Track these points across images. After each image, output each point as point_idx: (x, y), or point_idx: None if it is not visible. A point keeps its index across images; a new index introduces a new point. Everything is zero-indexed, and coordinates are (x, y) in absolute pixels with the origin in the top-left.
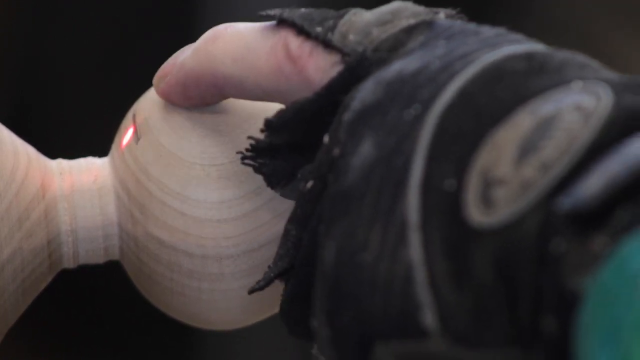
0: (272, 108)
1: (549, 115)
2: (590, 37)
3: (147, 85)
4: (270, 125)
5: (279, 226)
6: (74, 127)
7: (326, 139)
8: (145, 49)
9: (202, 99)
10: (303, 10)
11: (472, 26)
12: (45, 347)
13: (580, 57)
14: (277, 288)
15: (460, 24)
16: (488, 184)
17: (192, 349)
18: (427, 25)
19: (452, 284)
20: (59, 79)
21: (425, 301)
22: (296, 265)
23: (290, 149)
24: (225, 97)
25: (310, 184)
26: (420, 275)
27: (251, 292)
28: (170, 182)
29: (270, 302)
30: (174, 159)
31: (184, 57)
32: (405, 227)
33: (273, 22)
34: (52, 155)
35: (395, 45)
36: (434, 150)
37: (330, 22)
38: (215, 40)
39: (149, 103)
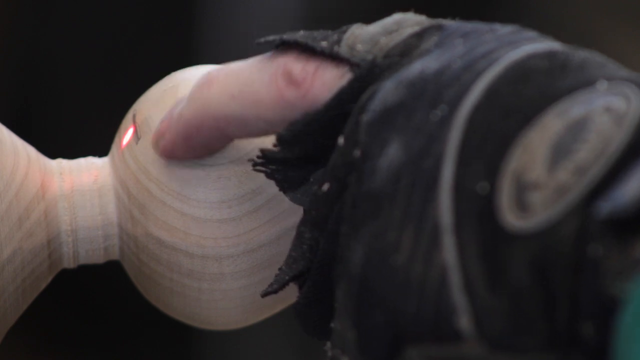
0: None
1: (579, 117)
2: (590, 37)
3: (147, 85)
4: (281, 139)
5: (279, 226)
6: (74, 127)
7: (341, 140)
8: (146, 49)
9: (206, 147)
10: (301, 32)
11: (483, 24)
12: (45, 347)
13: (598, 56)
14: None
15: (470, 23)
16: (522, 188)
17: (192, 349)
18: (436, 27)
19: (488, 287)
20: (59, 79)
21: (461, 304)
22: (313, 268)
23: (301, 160)
24: (230, 140)
25: (326, 186)
26: (455, 278)
27: (264, 295)
28: (170, 182)
29: (270, 302)
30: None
31: (180, 109)
32: (438, 229)
33: (267, 54)
34: (52, 155)
35: (406, 50)
36: (464, 152)
37: (335, 37)
38: (210, 85)
39: (149, 103)
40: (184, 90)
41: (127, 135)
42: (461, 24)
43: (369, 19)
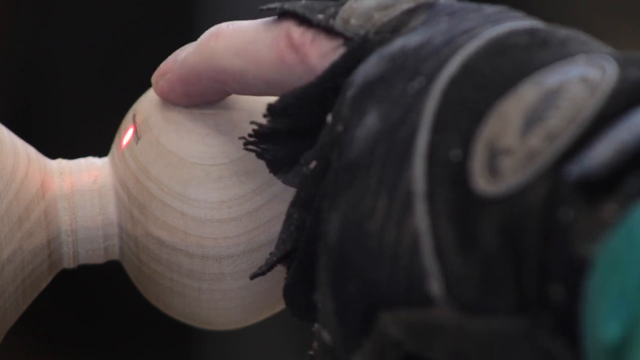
0: None
1: (555, 86)
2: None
3: (147, 85)
4: (272, 109)
5: (279, 226)
6: (74, 127)
7: (329, 118)
8: (145, 49)
9: (203, 96)
10: (303, 1)
11: (473, 4)
12: (45, 347)
13: (582, 35)
14: (277, 288)
15: (460, 2)
16: (494, 154)
17: (192, 349)
18: (428, 5)
19: (459, 252)
20: (59, 79)
21: (432, 269)
22: (299, 247)
23: (293, 134)
24: (227, 94)
25: (313, 164)
26: (426, 243)
27: (253, 277)
28: (170, 182)
29: (270, 302)
30: (174, 159)
31: (186, 54)
32: (411, 196)
33: (274, 17)
34: (52, 155)
35: (397, 27)
36: (438, 121)
37: (332, 10)
38: (217, 37)
39: (149, 103)
40: None
41: (127, 135)
42: (451, 3)
43: None
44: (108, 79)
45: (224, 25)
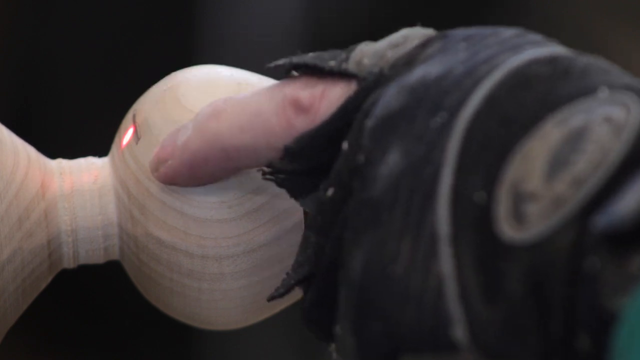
0: None
1: (579, 127)
2: (590, 37)
3: (147, 85)
4: (288, 151)
5: (279, 226)
6: (74, 127)
7: (345, 145)
8: (146, 49)
9: (211, 176)
10: (311, 54)
11: (487, 28)
12: (45, 347)
13: (602, 62)
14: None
15: (475, 28)
16: (519, 199)
17: (192, 349)
18: (441, 36)
19: (484, 298)
20: (59, 79)
21: (456, 315)
22: (318, 272)
23: (310, 171)
24: (238, 170)
25: (331, 191)
26: (451, 289)
27: (270, 299)
28: None
29: (270, 302)
30: None
31: (186, 138)
32: (435, 239)
33: (273, 84)
34: (52, 155)
35: (411, 60)
36: (462, 161)
37: (342, 56)
38: (217, 116)
39: (149, 103)
40: (184, 90)
41: (127, 135)
42: (464, 29)
43: (369, 19)
44: (108, 79)
45: (220, 103)
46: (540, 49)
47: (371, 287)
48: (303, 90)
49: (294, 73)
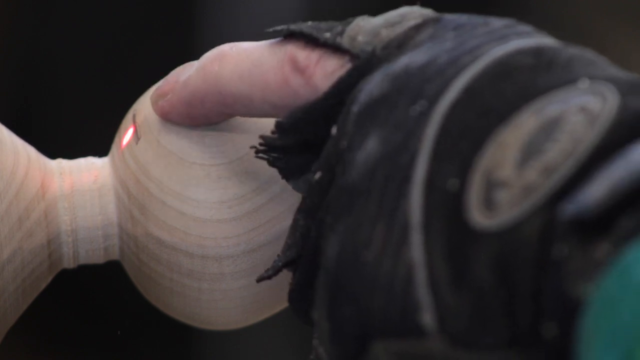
0: None
1: (554, 116)
2: (590, 37)
3: (147, 85)
4: (280, 126)
5: (279, 226)
6: (74, 127)
7: (334, 130)
8: (146, 49)
9: (206, 118)
10: (310, 22)
11: (480, 18)
12: (45, 347)
13: (589, 54)
14: (277, 288)
15: (467, 16)
16: (491, 186)
17: (192, 349)
18: (435, 20)
19: (452, 285)
20: (59, 79)
21: (425, 301)
22: (304, 255)
23: (302, 148)
24: (231, 116)
25: (318, 175)
26: (421, 275)
27: (259, 280)
28: (170, 182)
29: (270, 302)
30: (174, 159)
31: (188, 76)
32: (407, 226)
33: (278, 39)
34: (52, 155)
35: (403, 42)
36: (438, 149)
37: (339, 28)
38: (221, 59)
39: (149, 103)
40: None
41: (127, 135)
42: (457, 16)
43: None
44: (108, 79)
45: (226, 48)
46: (526, 39)
47: (344, 272)
48: (302, 51)
49: None
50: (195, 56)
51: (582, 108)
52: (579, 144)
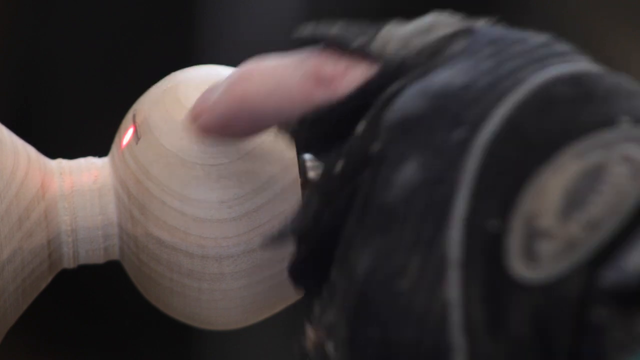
0: None
1: (597, 163)
2: (590, 37)
3: (147, 85)
4: (303, 122)
5: (279, 226)
6: (74, 127)
7: (362, 126)
8: (146, 49)
9: (244, 134)
10: (337, 27)
11: (515, 32)
12: (45, 347)
13: (627, 82)
14: (277, 288)
15: (501, 29)
16: (532, 235)
17: (192, 349)
18: (467, 31)
19: (488, 331)
20: (59, 79)
21: (458, 344)
22: (314, 234)
23: (322, 142)
24: (268, 129)
25: (339, 166)
26: (456, 316)
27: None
28: (170, 182)
29: (270, 302)
30: (174, 159)
31: (216, 98)
32: (445, 262)
33: (304, 50)
34: (52, 155)
35: (435, 51)
36: (478, 184)
37: (369, 34)
38: (247, 79)
39: (149, 103)
40: (184, 90)
41: (127, 135)
42: (491, 28)
43: (370, 19)
44: (108, 79)
45: (252, 66)
46: (565, 64)
47: (374, 294)
48: (326, 64)
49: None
50: (195, 56)
51: (625, 157)
52: (623, 198)
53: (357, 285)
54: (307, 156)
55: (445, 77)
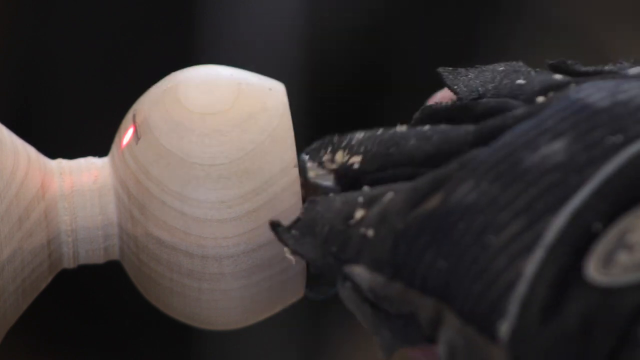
0: (271, 107)
1: None
2: (590, 37)
3: (147, 85)
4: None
5: None
6: (74, 127)
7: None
8: (146, 49)
9: None
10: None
11: None
12: (45, 347)
13: None
14: (277, 288)
15: None
16: (619, 245)
17: (192, 349)
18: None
19: (541, 313)
20: (59, 79)
21: (511, 313)
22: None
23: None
24: None
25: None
26: (522, 289)
27: (272, 228)
28: (170, 182)
29: (270, 302)
30: (174, 159)
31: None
32: (538, 239)
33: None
34: (52, 155)
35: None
36: (604, 187)
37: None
38: None
39: (149, 103)
40: (184, 90)
41: (127, 135)
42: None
43: (369, 19)
44: (108, 79)
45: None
46: None
47: (463, 232)
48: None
49: None
50: (195, 56)
51: None
52: None
53: (442, 214)
54: (307, 156)
55: (635, 89)
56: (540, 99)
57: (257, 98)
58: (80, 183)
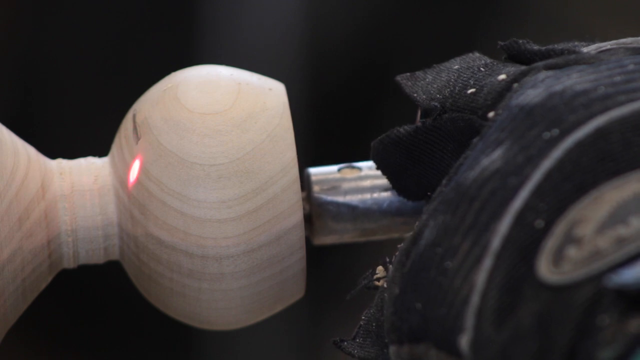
0: (271, 107)
1: None
2: (590, 37)
3: (147, 85)
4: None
5: (279, 226)
6: (74, 127)
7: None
8: (145, 49)
9: None
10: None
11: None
12: (45, 347)
13: None
14: (277, 288)
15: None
16: (567, 240)
17: (192, 349)
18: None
19: (495, 319)
20: (59, 80)
21: (468, 326)
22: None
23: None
24: None
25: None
26: (475, 300)
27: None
28: (170, 182)
29: (270, 302)
30: (174, 159)
31: None
32: (486, 250)
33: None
34: (52, 155)
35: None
36: (544, 184)
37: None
38: None
39: (149, 103)
40: (183, 90)
41: (128, 134)
42: None
43: (370, 19)
44: (108, 79)
45: None
46: None
47: (426, 266)
48: None
49: None
50: (196, 56)
51: None
52: None
53: (419, 252)
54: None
55: (572, 79)
56: (491, 115)
57: (257, 98)
58: (80, 183)
